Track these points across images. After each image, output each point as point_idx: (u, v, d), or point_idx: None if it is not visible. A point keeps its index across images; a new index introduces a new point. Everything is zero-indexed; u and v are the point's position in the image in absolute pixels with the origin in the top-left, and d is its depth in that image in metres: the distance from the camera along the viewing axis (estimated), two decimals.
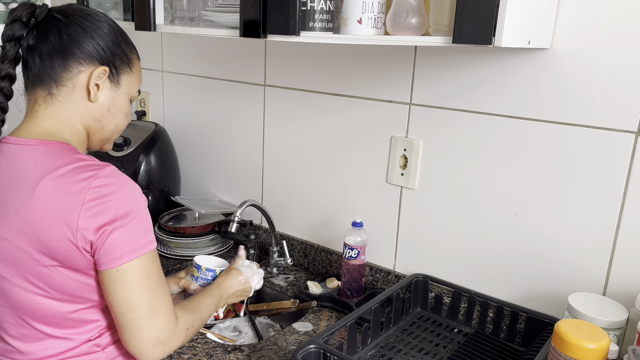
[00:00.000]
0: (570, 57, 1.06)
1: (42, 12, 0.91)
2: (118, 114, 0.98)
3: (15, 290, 0.87)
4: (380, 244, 1.42)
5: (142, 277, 0.86)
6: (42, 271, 0.85)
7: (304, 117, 1.52)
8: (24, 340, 0.90)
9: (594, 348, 0.84)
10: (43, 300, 0.87)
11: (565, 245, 1.13)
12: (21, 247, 0.84)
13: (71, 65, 0.90)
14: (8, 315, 0.90)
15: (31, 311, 0.88)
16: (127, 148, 1.69)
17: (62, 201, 0.82)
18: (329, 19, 1.05)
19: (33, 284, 0.86)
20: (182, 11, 1.32)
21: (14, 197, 0.84)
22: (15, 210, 0.84)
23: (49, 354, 0.89)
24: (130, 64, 0.98)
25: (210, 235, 1.65)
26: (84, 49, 0.91)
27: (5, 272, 0.87)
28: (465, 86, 1.21)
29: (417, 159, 1.31)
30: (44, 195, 0.82)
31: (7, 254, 0.85)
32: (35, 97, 0.92)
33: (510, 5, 0.86)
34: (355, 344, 1.11)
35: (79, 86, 0.92)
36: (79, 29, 0.91)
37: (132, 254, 0.84)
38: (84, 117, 0.93)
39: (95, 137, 0.97)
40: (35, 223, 0.82)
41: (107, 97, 0.95)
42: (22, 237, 0.83)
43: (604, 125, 1.05)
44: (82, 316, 0.89)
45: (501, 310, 1.19)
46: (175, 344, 0.90)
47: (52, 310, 0.87)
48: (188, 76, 1.81)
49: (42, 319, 0.88)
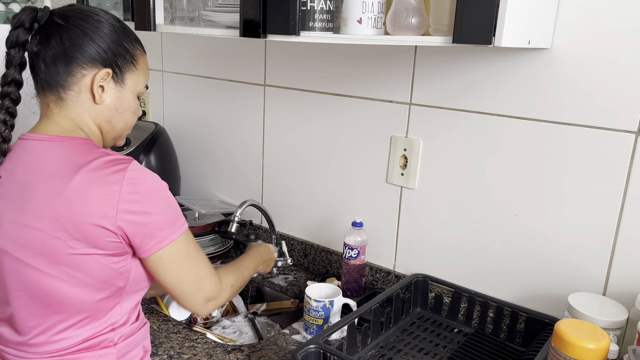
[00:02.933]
0: (570, 57, 1.06)
1: (44, 15, 0.92)
2: (126, 112, 1.00)
3: (44, 279, 0.88)
4: (380, 244, 1.42)
5: (182, 258, 0.94)
6: (74, 259, 0.87)
7: (304, 117, 1.52)
8: (42, 331, 0.90)
9: (594, 348, 0.84)
10: (70, 289, 0.88)
11: (565, 245, 1.13)
12: (55, 235, 0.86)
13: (74, 70, 0.92)
14: (30, 307, 0.90)
15: (57, 299, 0.89)
16: (127, 148, 1.69)
17: (99, 191, 0.86)
18: (329, 19, 1.05)
19: (64, 271, 0.88)
20: (182, 11, 1.32)
21: (44, 189, 0.87)
22: (47, 200, 0.86)
23: (64, 345, 0.90)
24: (134, 61, 0.98)
25: (210, 235, 1.65)
26: (86, 52, 0.91)
27: (33, 261, 0.88)
28: (465, 86, 1.21)
29: (417, 159, 1.31)
30: (81, 186, 0.85)
31: (37, 242, 0.87)
32: (47, 101, 0.94)
33: (510, 5, 0.86)
34: (355, 344, 1.11)
35: (84, 90, 0.93)
36: (79, 32, 0.91)
37: (169, 238, 0.91)
38: (95, 118, 0.96)
39: (108, 135, 1.00)
40: (74, 212, 0.85)
41: (113, 97, 0.96)
42: (57, 226, 0.86)
43: (604, 125, 1.05)
44: (104, 305, 0.92)
45: (501, 310, 1.19)
46: (223, 297, 1.03)
47: (77, 298, 0.89)
48: (188, 76, 1.82)
49: (66, 308, 0.90)
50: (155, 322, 1.25)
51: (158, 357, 1.12)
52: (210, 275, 1.00)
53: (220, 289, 1.02)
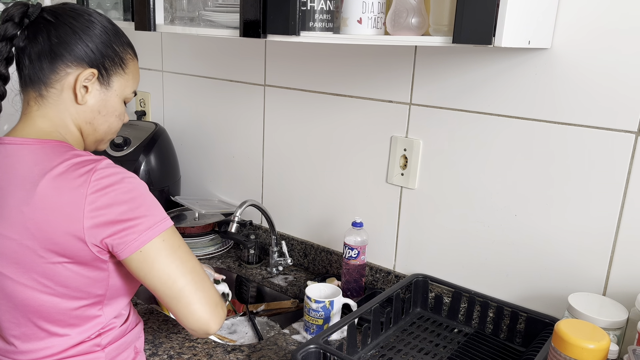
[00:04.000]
0: (570, 57, 1.06)
1: (35, 11, 0.91)
2: (110, 116, 0.96)
3: (19, 289, 0.87)
4: (380, 244, 1.42)
5: (169, 250, 0.86)
6: (47, 268, 0.85)
7: (304, 117, 1.52)
8: (25, 339, 0.89)
9: (594, 348, 0.84)
10: (46, 298, 0.87)
11: (565, 245, 1.13)
12: (25, 245, 0.84)
13: (58, 68, 0.89)
14: (10, 315, 0.89)
15: (34, 309, 0.88)
16: (127, 148, 1.69)
17: (65, 197, 0.82)
18: (329, 19, 1.05)
19: (37, 281, 0.86)
20: (182, 11, 1.32)
21: (15, 195, 0.84)
22: (18, 208, 0.84)
23: (50, 352, 0.89)
24: (123, 64, 0.96)
25: (210, 235, 1.65)
26: (72, 51, 0.90)
27: (7, 270, 0.87)
28: (465, 86, 1.21)
29: (417, 159, 1.31)
30: (46, 193, 0.82)
31: (10, 251, 0.85)
32: (28, 98, 0.92)
33: (510, 5, 0.86)
34: (355, 344, 1.11)
35: (66, 88, 0.91)
36: (68, 30, 0.90)
37: (149, 234, 0.84)
38: (75, 118, 0.93)
39: (89, 138, 0.97)
40: (41, 220, 0.83)
41: (97, 99, 0.94)
42: (27, 235, 0.84)
43: (604, 126, 1.05)
44: (85, 313, 0.89)
45: (501, 310, 1.19)
46: (223, 307, 0.91)
47: (56, 307, 0.87)
48: (188, 76, 1.81)
49: (45, 317, 0.88)
50: (155, 322, 1.25)
51: (158, 357, 1.12)
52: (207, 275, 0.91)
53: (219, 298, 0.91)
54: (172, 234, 0.88)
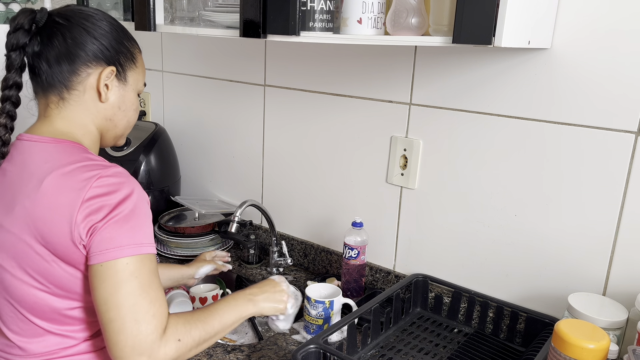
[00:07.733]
0: (570, 58, 1.06)
1: (43, 17, 0.91)
2: (129, 110, 1.00)
3: (16, 283, 0.87)
4: (380, 244, 1.42)
5: (126, 277, 0.81)
6: (42, 265, 0.85)
7: (304, 117, 1.52)
8: (22, 335, 0.90)
9: (594, 348, 0.84)
10: (41, 295, 0.87)
11: (565, 245, 1.13)
12: (24, 240, 0.85)
13: (79, 69, 0.91)
14: (8, 309, 0.90)
15: (30, 305, 0.88)
16: (127, 148, 1.69)
17: (64, 197, 0.82)
18: (329, 19, 1.05)
19: (33, 277, 0.86)
20: (182, 11, 1.32)
21: (23, 191, 0.86)
22: (22, 203, 0.85)
23: (47, 350, 0.90)
24: (134, 59, 0.99)
25: (210, 235, 1.65)
26: (89, 50, 0.91)
27: (6, 264, 0.88)
28: (465, 86, 1.21)
29: (417, 159, 1.31)
30: (48, 190, 0.83)
31: (9, 245, 0.86)
32: (48, 101, 0.93)
33: (510, 5, 0.86)
34: (355, 344, 1.11)
35: (89, 88, 0.93)
36: (82, 30, 0.91)
37: (118, 252, 0.81)
38: (96, 117, 0.95)
39: (109, 134, 1.00)
40: (38, 217, 0.83)
41: (117, 95, 0.96)
42: (25, 230, 0.84)
43: (604, 126, 1.05)
44: (80, 314, 0.90)
45: (501, 310, 1.19)
46: (163, 356, 0.81)
47: (50, 305, 0.88)
48: (188, 76, 1.82)
49: (41, 314, 0.88)
50: None
51: None
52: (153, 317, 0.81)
53: (159, 342, 0.81)
54: (141, 262, 0.82)
